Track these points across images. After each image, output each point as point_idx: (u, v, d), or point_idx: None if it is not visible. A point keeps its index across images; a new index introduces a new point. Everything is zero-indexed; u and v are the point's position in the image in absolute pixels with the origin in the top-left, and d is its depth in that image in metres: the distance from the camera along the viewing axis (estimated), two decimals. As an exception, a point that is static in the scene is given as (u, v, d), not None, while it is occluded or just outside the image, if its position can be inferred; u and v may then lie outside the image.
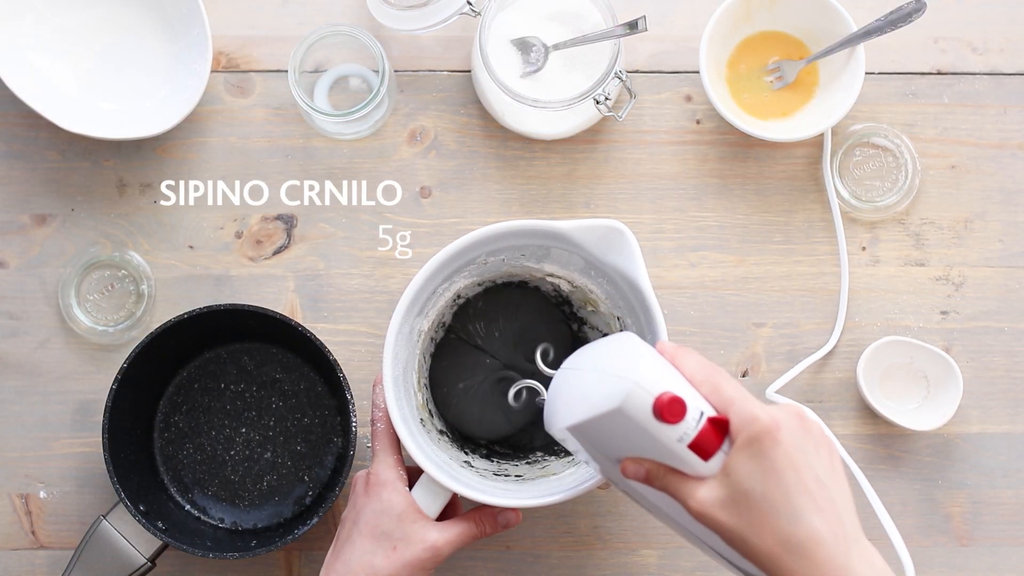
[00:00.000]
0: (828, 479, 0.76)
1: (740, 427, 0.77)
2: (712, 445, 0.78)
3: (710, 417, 0.78)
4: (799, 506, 0.74)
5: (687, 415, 0.77)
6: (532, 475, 1.03)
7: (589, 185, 1.10)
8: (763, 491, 0.75)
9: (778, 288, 1.10)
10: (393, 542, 0.91)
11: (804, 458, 0.75)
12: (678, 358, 0.81)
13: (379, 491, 0.93)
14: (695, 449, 0.78)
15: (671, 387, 0.78)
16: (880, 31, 1.05)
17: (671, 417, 0.77)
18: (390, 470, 0.94)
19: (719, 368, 0.81)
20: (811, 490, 0.75)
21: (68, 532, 1.08)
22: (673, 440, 0.78)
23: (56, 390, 1.09)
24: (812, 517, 0.74)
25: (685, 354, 0.81)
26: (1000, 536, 1.09)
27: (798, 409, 0.78)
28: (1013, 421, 1.09)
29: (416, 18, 1.05)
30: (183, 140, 1.10)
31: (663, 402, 0.77)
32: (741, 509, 0.76)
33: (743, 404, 0.77)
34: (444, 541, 0.92)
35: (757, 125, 1.07)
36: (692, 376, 0.80)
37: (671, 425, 0.77)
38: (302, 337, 1.02)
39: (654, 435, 0.78)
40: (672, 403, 0.77)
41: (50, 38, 1.09)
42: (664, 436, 0.78)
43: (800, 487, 0.74)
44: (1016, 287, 1.10)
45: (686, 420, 0.77)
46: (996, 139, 1.11)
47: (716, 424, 0.78)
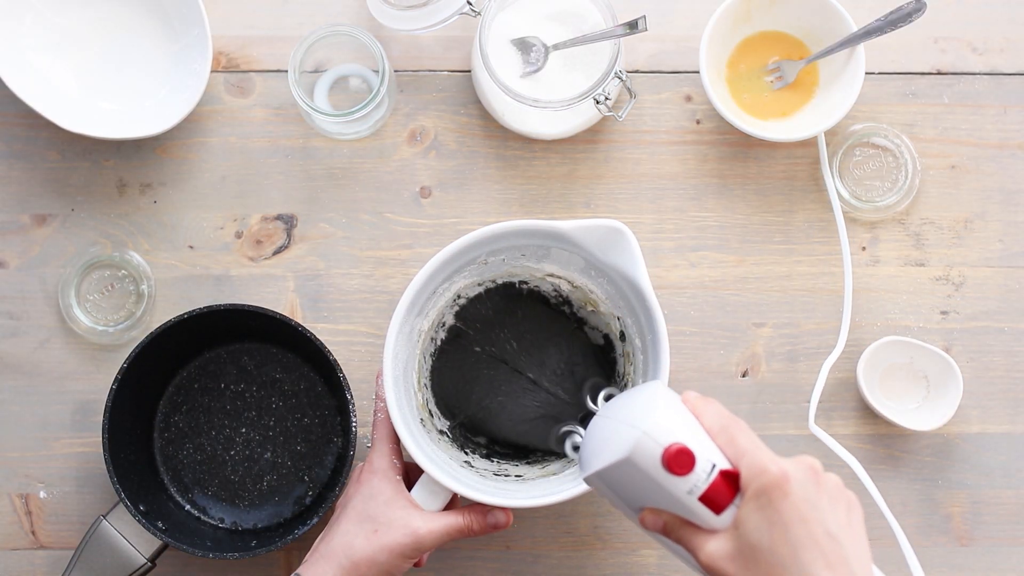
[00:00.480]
0: (841, 534, 0.74)
1: (750, 479, 0.75)
2: (724, 498, 0.77)
3: (722, 470, 0.77)
4: (807, 561, 0.73)
5: (696, 467, 0.76)
6: (532, 475, 1.03)
7: (589, 185, 1.10)
8: (770, 545, 0.73)
9: (778, 288, 1.10)
10: (376, 525, 0.92)
11: (815, 512, 0.74)
12: (699, 408, 0.80)
13: (370, 478, 0.94)
14: (706, 502, 0.77)
15: (681, 438, 0.77)
16: (880, 31, 1.05)
17: (679, 469, 0.76)
18: (384, 459, 0.95)
19: (738, 419, 0.79)
20: (821, 545, 0.73)
21: (68, 532, 1.08)
22: (683, 492, 0.77)
23: (56, 390, 1.09)
24: (821, 573, 0.72)
25: (706, 405, 0.80)
26: (1000, 536, 1.09)
27: (812, 462, 0.77)
28: (1013, 421, 1.09)
29: (416, 18, 1.05)
30: (183, 140, 1.10)
31: (671, 453, 0.76)
32: (749, 563, 0.74)
33: (755, 455, 0.76)
34: (427, 530, 0.92)
35: (757, 125, 1.07)
36: (710, 427, 0.79)
37: (680, 477, 0.77)
38: (302, 337, 1.02)
39: (664, 486, 0.77)
40: (680, 454, 0.76)
41: (50, 38, 1.09)
42: (674, 488, 0.77)
43: (809, 542, 0.73)
44: (1016, 287, 1.10)
45: (696, 472, 0.76)
46: (996, 139, 1.11)
47: (728, 477, 0.77)
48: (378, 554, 0.91)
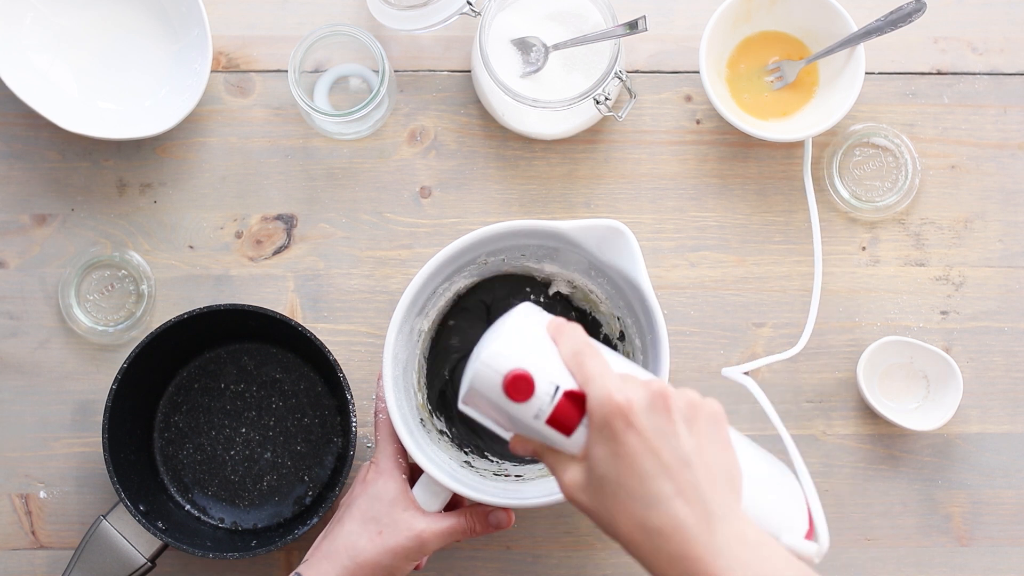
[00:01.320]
0: (695, 458, 0.73)
1: (595, 407, 0.75)
2: (571, 420, 0.77)
3: (566, 391, 0.77)
4: (655, 491, 0.72)
5: (538, 390, 0.77)
6: (532, 475, 1.03)
7: (589, 185, 1.10)
8: (617, 476, 0.73)
9: (778, 288, 1.10)
10: (380, 527, 0.92)
11: (664, 440, 0.73)
12: (557, 335, 0.80)
13: (375, 478, 0.94)
14: (554, 424, 0.77)
15: (519, 363, 0.77)
16: (880, 31, 1.05)
17: (517, 395, 0.77)
18: (389, 459, 0.95)
19: (592, 344, 0.79)
20: (672, 473, 0.73)
21: (68, 532, 1.08)
22: (530, 417, 0.78)
23: (56, 390, 1.09)
24: (670, 502, 0.72)
25: (565, 331, 0.80)
26: (1000, 536, 1.09)
27: (659, 386, 0.75)
28: (1013, 421, 1.09)
29: (416, 18, 1.05)
30: (183, 140, 1.10)
31: (508, 380, 0.77)
32: (600, 494, 0.75)
33: (600, 382, 0.75)
34: (430, 532, 0.92)
35: (757, 125, 1.07)
36: (563, 352, 0.79)
37: (521, 403, 0.77)
38: (302, 337, 1.02)
39: (511, 412, 0.78)
40: (516, 380, 0.77)
41: (50, 38, 1.09)
42: (520, 413, 0.78)
43: (658, 471, 0.73)
44: (1016, 287, 1.10)
45: (538, 396, 0.77)
46: (996, 139, 1.11)
47: (573, 398, 0.77)
48: (382, 556, 0.91)
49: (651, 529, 0.73)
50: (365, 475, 0.96)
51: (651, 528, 0.73)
